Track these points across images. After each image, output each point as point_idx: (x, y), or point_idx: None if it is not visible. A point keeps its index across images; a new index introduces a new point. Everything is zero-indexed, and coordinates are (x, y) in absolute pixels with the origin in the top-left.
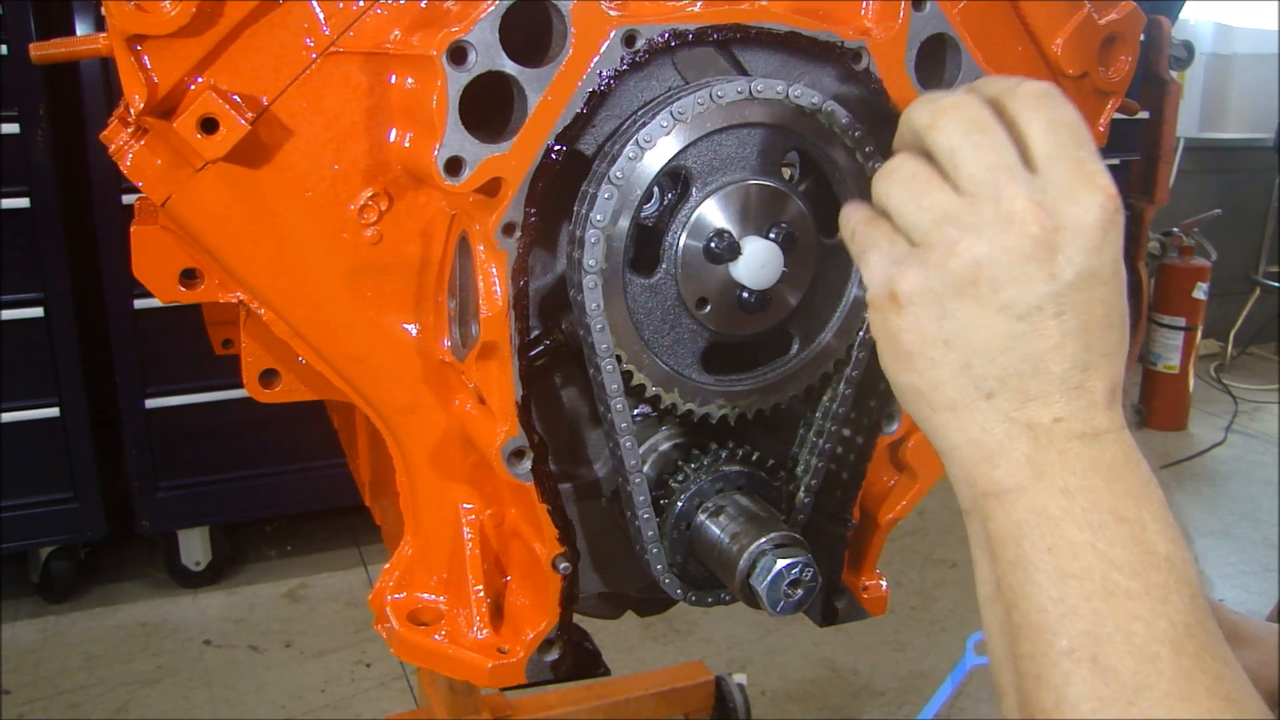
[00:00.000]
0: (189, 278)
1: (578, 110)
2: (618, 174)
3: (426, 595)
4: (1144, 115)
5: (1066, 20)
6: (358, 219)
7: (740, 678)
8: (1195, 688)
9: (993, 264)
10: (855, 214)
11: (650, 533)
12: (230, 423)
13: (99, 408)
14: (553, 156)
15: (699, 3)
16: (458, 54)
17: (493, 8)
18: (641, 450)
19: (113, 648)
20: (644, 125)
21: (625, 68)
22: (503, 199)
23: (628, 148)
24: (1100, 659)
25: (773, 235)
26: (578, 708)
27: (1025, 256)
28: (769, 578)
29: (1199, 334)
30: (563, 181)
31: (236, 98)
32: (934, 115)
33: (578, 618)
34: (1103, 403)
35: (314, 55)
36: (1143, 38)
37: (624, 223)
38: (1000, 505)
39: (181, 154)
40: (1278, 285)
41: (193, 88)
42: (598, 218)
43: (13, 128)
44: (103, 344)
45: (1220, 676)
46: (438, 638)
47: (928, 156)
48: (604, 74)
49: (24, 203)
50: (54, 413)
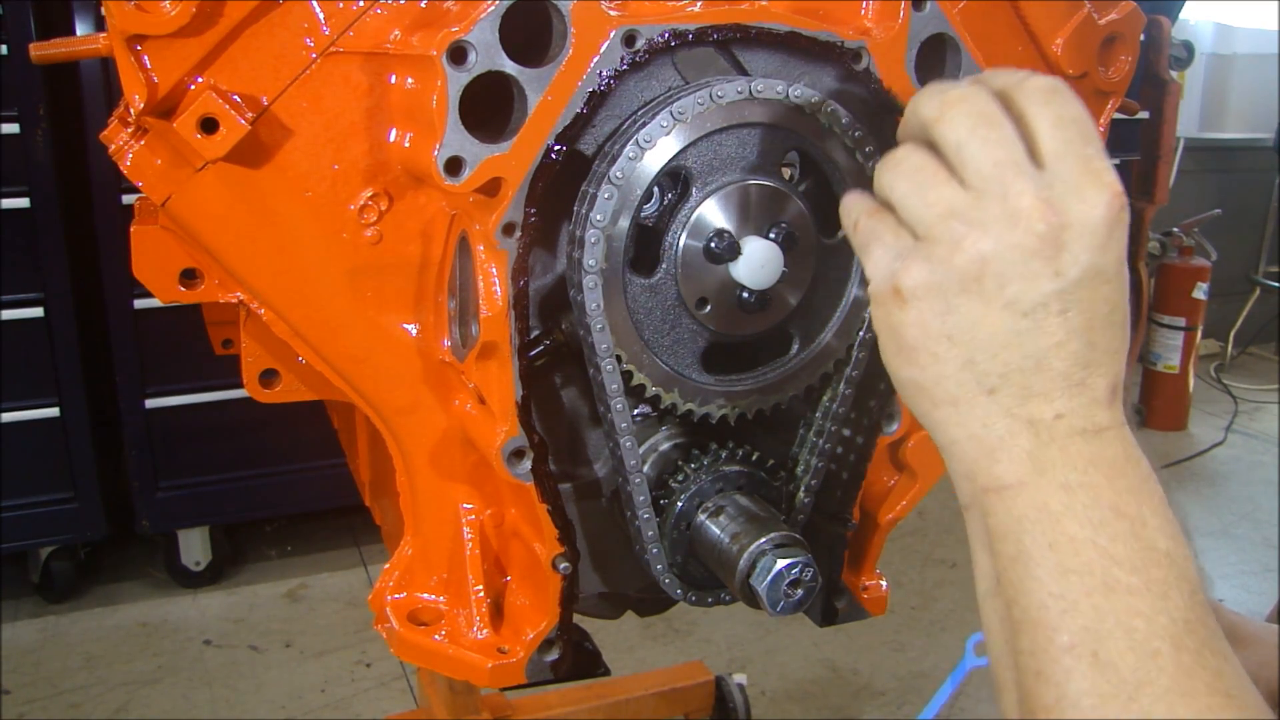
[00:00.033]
0: (189, 278)
1: (578, 110)
2: (618, 174)
3: (426, 595)
4: (1144, 115)
5: (1066, 20)
6: (358, 219)
7: (740, 678)
8: (1195, 683)
9: (998, 260)
10: (858, 205)
11: (650, 533)
12: (230, 423)
13: (99, 408)
14: (553, 156)
15: (699, 3)
16: (458, 54)
17: (493, 8)
18: (641, 450)
19: (113, 648)
20: (644, 125)
21: (625, 68)
22: (503, 199)
23: (628, 148)
24: (1101, 655)
25: (773, 235)
26: (578, 708)
27: (1031, 253)
28: (769, 578)
29: (1199, 334)
30: (563, 181)
31: (236, 98)
32: (942, 108)
33: (578, 618)
34: (1104, 400)
35: (314, 55)
36: (1143, 38)
37: (624, 223)
38: (1001, 501)
39: (181, 154)
40: (1278, 285)
41: (193, 88)
42: (598, 218)
43: (13, 128)
44: (103, 344)
45: (1220, 672)
46: (438, 638)
47: (933, 148)
48: (604, 74)
49: (24, 203)
50: (54, 413)
